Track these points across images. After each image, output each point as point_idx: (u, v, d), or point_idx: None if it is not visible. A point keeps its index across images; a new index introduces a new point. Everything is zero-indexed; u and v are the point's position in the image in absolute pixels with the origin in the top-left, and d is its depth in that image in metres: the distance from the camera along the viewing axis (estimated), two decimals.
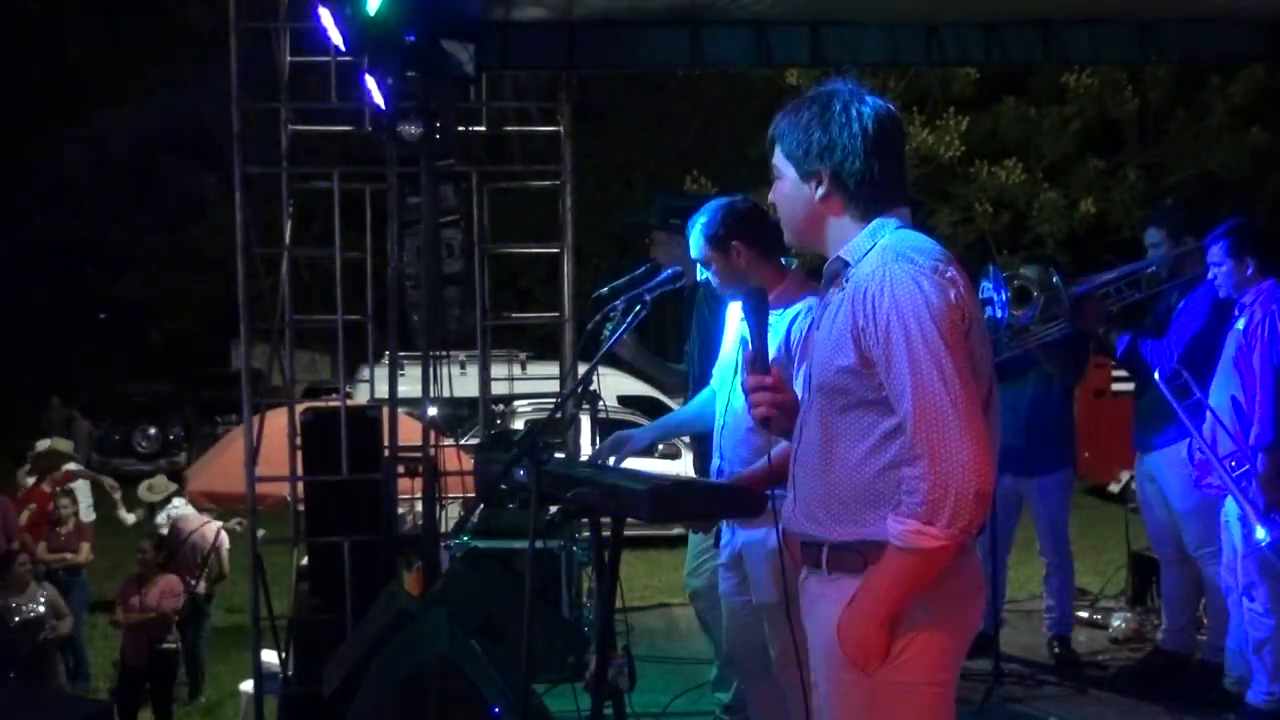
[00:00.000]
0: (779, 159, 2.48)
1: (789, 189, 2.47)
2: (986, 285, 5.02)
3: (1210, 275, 4.75)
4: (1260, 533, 4.38)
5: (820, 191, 2.41)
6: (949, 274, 2.30)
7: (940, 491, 2.21)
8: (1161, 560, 5.50)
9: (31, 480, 10.07)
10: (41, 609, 7.66)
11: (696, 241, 3.74)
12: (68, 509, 9.47)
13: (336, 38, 5.09)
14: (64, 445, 10.95)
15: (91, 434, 19.77)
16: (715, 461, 3.77)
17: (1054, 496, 5.62)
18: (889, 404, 2.30)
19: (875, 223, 2.41)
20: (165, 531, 9.26)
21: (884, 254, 2.33)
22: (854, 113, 2.38)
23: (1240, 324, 4.60)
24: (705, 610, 4.74)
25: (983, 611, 2.52)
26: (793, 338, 3.51)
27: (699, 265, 3.81)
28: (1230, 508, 4.57)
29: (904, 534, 2.24)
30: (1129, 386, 5.59)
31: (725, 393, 3.74)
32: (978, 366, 2.32)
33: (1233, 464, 4.51)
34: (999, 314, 5.04)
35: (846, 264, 2.41)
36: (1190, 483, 5.00)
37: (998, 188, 15.36)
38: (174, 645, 7.90)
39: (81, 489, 10.23)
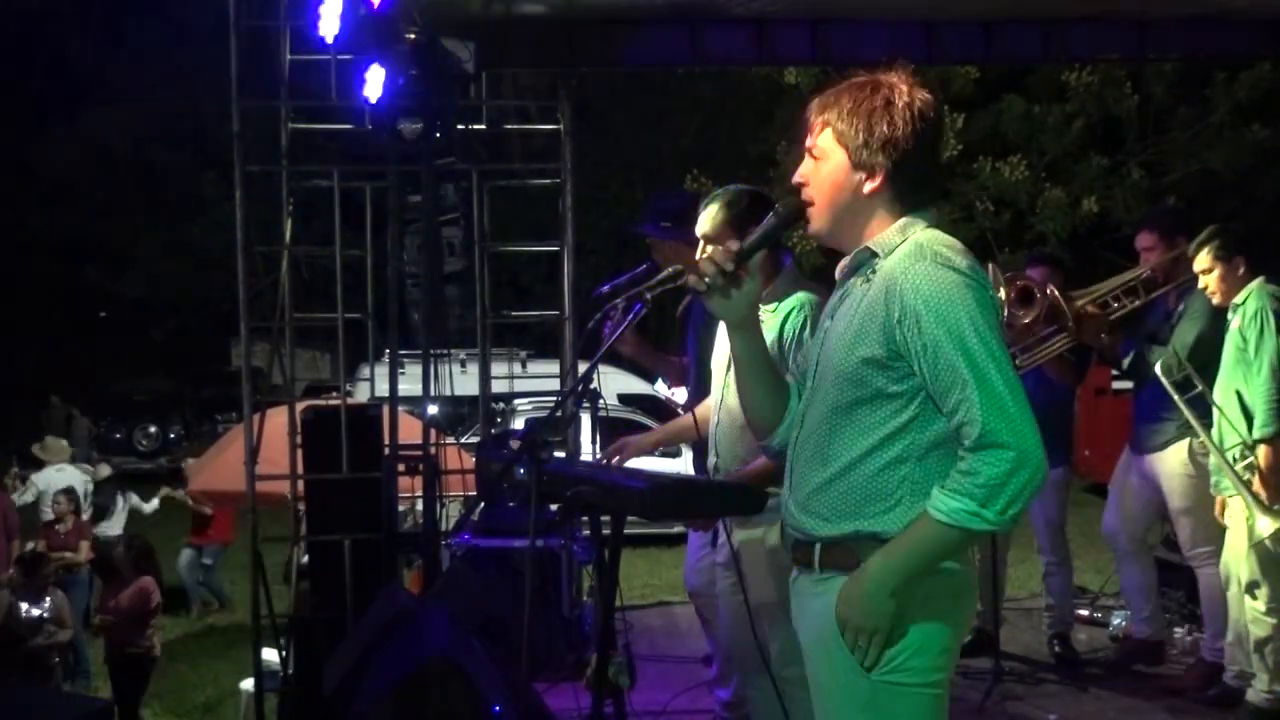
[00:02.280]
0: (828, 139, 2.38)
1: (835, 173, 2.38)
2: None
3: (1200, 285, 4.74)
4: (1264, 524, 4.39)
5: (872, 184, 2.36)
6: (983, 276, 2.32)
7: (1004, 479, 2.20)
8: (1116, 552, 5.57)
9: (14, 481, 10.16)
10: (46, 615, 7.62)
11: (716, 220, 3.64)
12: (65, 507, 9.47)
13: (333, 33, 5.09)
14: (59, 445, 10.96)
15: (91, 432, 19.76)
16: (711, 459, 3.76)
17: (1052, 494, 5.60)
18: (903, 399, 2.29)
19: (905, 219, 2.37)
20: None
21: (921, 250, 2.30)
22: (916, 109, 2.33)
23: (1236, 323, 4.62)
24: (705, 608, 4.73)
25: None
26: (786, 334, 3.50)
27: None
28: (1238, 504, 4.58)
29: (956, 511, 2.22)
30: (1129, 385, 5.59)
31: (720, 390, 3.73)
32: None
33: (1235, 457, 4.53)
34: (1001, 313, 5.03)
35: (873, 255, 2.37)
36: (1189, 483, 5.01)
37: (1000, 184, 15.34)
38: (142, 649, 7.63)
39: (81, 488, 10.24)
